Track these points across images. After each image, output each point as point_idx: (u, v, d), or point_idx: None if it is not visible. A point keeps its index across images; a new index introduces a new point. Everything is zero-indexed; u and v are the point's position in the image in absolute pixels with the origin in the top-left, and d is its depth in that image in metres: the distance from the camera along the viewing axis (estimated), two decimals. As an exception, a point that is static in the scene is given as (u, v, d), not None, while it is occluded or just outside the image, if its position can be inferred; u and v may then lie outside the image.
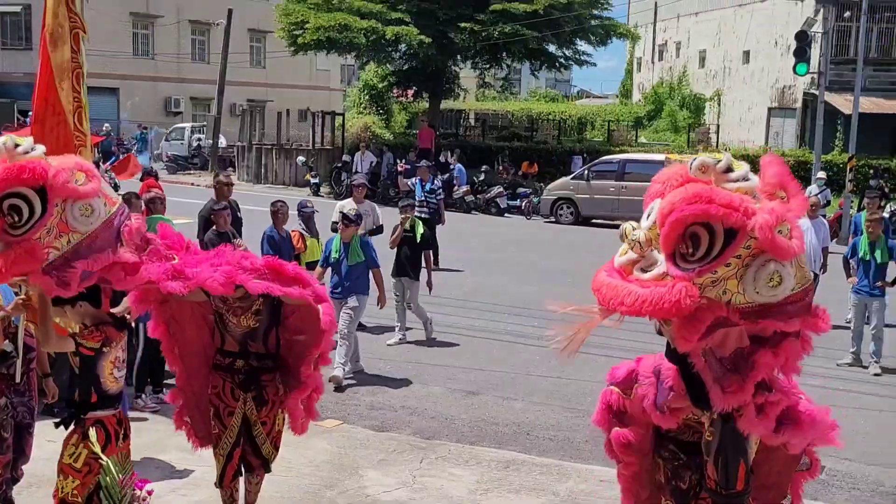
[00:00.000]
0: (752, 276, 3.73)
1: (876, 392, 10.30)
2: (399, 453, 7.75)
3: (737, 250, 3.71)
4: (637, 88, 51.55)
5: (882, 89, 32.85)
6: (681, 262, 3.77)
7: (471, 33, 29.01)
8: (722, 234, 3.71)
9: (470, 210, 26.22)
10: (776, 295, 3.76)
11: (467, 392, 9.70)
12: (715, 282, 3.74)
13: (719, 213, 3.69)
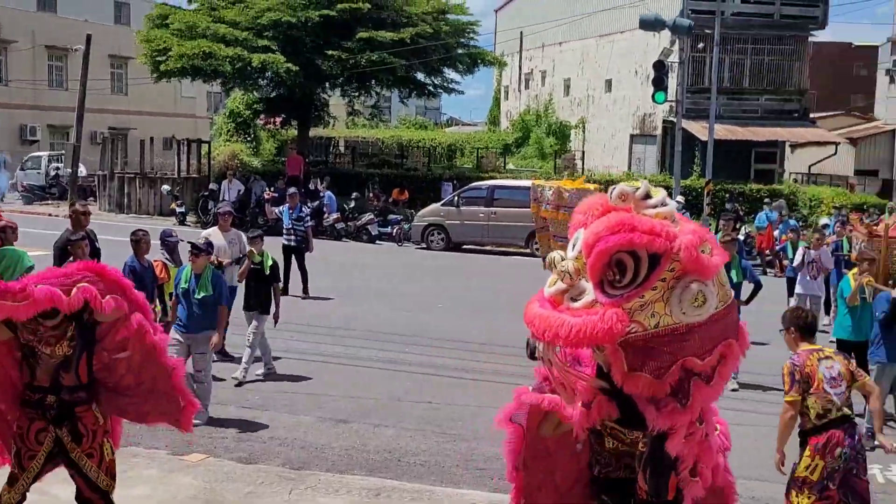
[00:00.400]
0: (677, 297, 3.82)
1: (734, 406, 10.65)
2: (267, 485, 7.55)
3: (661, 274, 3.80)
4: (505, 116, 52.49)
5: (735, 117, 34.42)
6: (609, 289, 3.85)
7: (338, 61, 28.96)
8: (647, 259, 3.80)
9: (341, 237, 26.05)
10: (701, 314, 3.85)
11: (338, 420, 9.55)
12: (643, 306, 3.82)
13: (643, 240, 3.78)
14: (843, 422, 6.21)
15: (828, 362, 6.33)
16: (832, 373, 6.28)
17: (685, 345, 3.91)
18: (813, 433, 6.23)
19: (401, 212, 27.92)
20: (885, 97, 41.32)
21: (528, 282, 12.14)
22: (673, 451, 4.03)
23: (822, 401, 6.20)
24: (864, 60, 52.16)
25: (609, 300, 3.81)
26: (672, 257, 3.79)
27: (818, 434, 6.20)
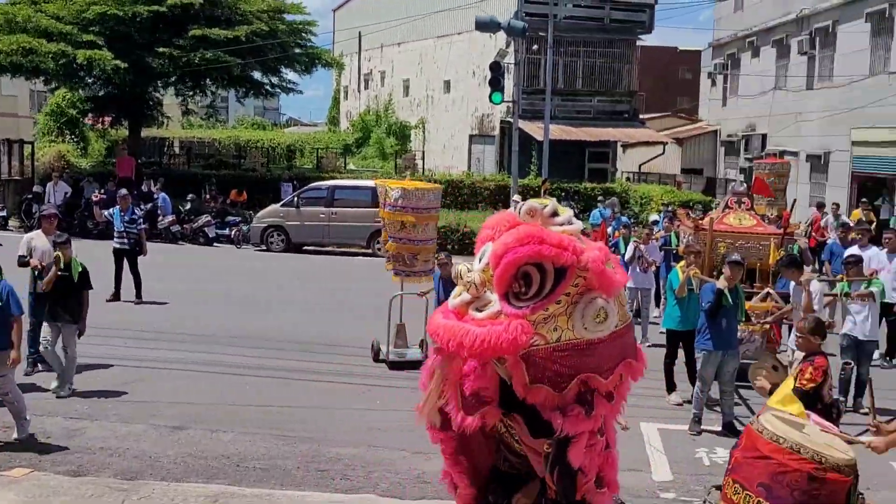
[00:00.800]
0: (580, 312, 3.85)
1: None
2: (98, 498, 7.20)
3: (566, 288, 3.84)
4: (345, 116, 52.28)
5: (569, 117, 35.43)
6: (514, 301, 3.86)
7: (170, 59, 28.03)
8: (553, 272, 3.83)
9: (177, 240, 25.22)
10: (602, 330, 3.90)
11: (172, 427, 9.19)
12: (547, 319, 3.85)
13: (551, 252, 3.80)
14: None
15: None
16: None
17: (586, 360, 3.95)
18: None
19: (239, 213, 27.29)
20: (708, 99, 43.36)
21: (370, 282, 12.18)
22: (575, 460, 4.02)
23: None
24: (689, 64, 54.68)
25: (514, 311, 3.84)
26: (578, 272, 3.84)
27: None
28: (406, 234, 11.79)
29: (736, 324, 10.03)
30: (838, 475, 4.85)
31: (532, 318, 3.82)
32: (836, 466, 4.85)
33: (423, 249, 11.97)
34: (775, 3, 34.30)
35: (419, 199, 11.76)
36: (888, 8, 26.67)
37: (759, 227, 12.05)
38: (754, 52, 36.82)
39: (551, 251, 3.82)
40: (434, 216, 12.26)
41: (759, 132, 35.99)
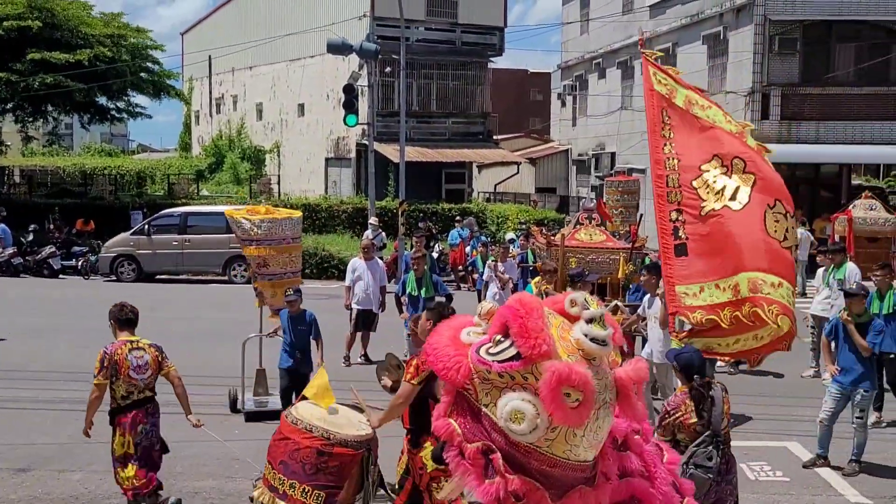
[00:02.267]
0: (505, 400, 3.76)
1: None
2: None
3: (513, 370, 3.76)
4: (197, 141, 51.17)
5: (425, 139, 35.72)
6: (482, 350, 3.85)
7: (7, 83, 26.73)
8: (513, 347, 3.77)
9: (19, 273, 24.00)
10: (514, 432, 3.77)
11: (16, 470, 8.69)
12: (486, 380, 3.81)
13: (517, 330, 3.75)
14: (146, 403, 7.54)
15: (137, 352, 7.48)
16: (140, 361, 7.45)
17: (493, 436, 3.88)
18: (119, 412, 7.47)
19: (86, 243, 26.22)
20: (559, 120, 44.49)
21: (227, 309, 11.81)
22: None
23: (126, 384, 7.40)
24: (540, 86, 56.11)
25: (473, 354, 3.84)
26: (529, 368, 3.74)
27: (124, 414, 7.43)
28: (269, 269, 10.97)
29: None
30: (345, 449, 5.85)
31: (478, 367, 3.81)
32: (343, 442, 5.86)
33: (287, 283, 10.95)
34: (618, 27, 35.57)
35: (275, 230, 10.93)
36: (722, 30, 28.05)
37: (608, 242, 12.43)
38: (601, 73, 38.03)
39: (519, 331, 3.76)
40: (295, 246, 11.30)
41: (608, 151, 37.15)
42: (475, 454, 3.92)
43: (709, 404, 6.12)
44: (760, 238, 6.70)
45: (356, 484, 6.07)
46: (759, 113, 26.71)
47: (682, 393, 6.32)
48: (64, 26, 28.23)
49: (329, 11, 37.15)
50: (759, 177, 6.86)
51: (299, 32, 37.64)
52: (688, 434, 6.20)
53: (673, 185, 6.83)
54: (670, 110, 7.00)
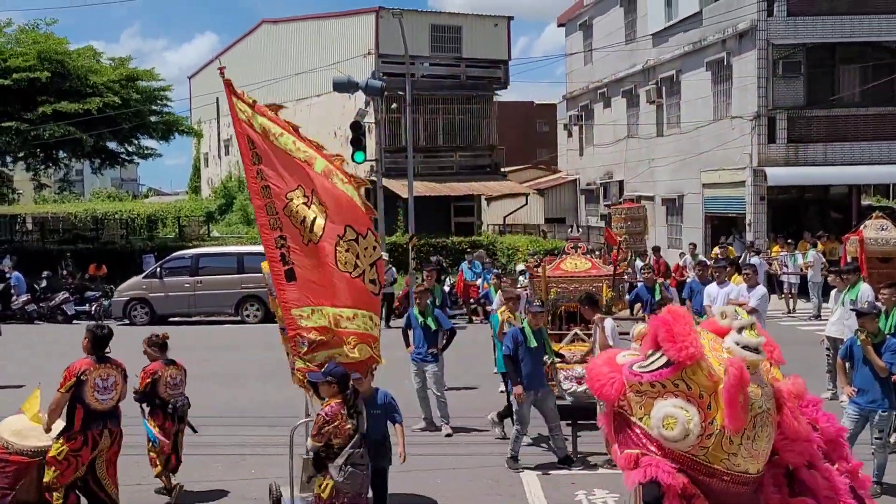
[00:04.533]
0: (658, 407, 3.93)
1: (448, 452, 10.85)
2: None
3: (664, 378, 3.90)
4: (206, 183, 51.49)
5: (433, 174, 35.88)
6: (636, 364, 4.06)
7: (18, 133, 26.95)
8: (664, 356, 3.96)
9: (33, 320, 24.11)
10: (668, 438, 3.88)
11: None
12: (640, 393, 3.97)
13: (668, 337, 3.90)
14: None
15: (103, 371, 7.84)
16: (106, 383, 7.83)
17: (650, 448, 4.06)
18: None
19: (99, 288, 26.34)
20: (566, 150, 44.63)
21: (241, 350, 11.81)
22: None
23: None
24: (546, 117, 56.28)
25: (626, 369, 4.04)
26: (682, 374, 3.88)
27: None
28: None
29: (541, 364, 10.28)
30: (21, 457, 7.68)
31: (630, 381, 3.98)
32: (20, 451, 7.71)
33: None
34: (621, 56, 35.76)
35: None
36: (726, 56, 28.16)
37: (593, 270, 12.50)
38: (606, 102, 38.19)
39: (665, 336, 3.92)
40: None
41: (616, 179, 37.22)
42: (629, 459, 4.07)
43: (356, 411, 7.00)
44: (334, 273, 6.99)
45: (35, 488, 7.69)
46: (766, 136, 26.75)
47: (336, 403, 6.94)
48: (73, 76, 28.53)
49: (334, 50, 37.49)
50: (329, 206, 7.04)
51: (305, 72, 37.96)
52: (342, 439, 6.87)
53: (272, 213, 6.98)
54: (254, 138, 7.19)
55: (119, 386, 7.95)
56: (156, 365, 9.15)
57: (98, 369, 7.84)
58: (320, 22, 40.09)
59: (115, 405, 7.97)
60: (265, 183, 7.03)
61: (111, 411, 7.92)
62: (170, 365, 9.23)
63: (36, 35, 30.32)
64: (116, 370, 7.97)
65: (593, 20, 39.43)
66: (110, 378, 7.87)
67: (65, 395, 7.70)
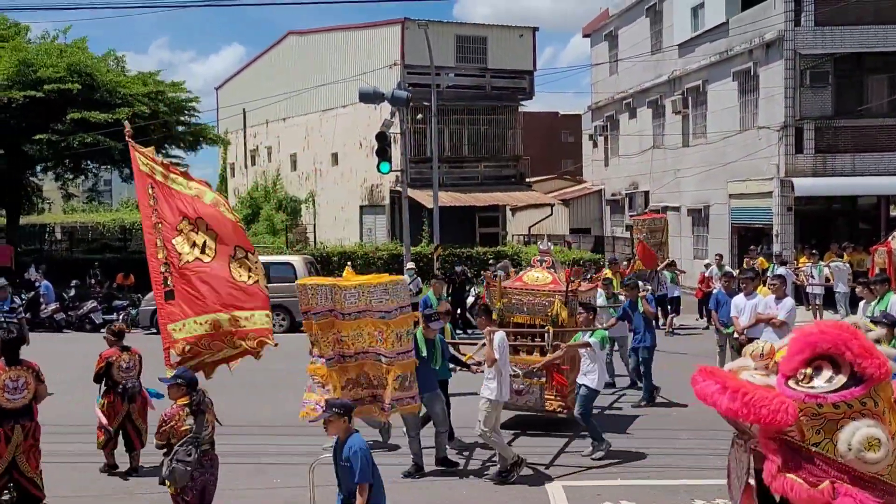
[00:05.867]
0: (851, 431, 3.63)
1: (472, 463, 10.81)
2: None
3: (852, 398, 3.62)
4: (233, 193, 51.78)
5: (458, 184, 35.93)
6: (792, 384, 3.76)
7: (48, 144, 27.24)
8: (849, 374, 3.66)
9: (61, 328, 24.34)
10: (867, 460, 3.64)
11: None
12: (815, 416, 3.65)
13: (858, 351, 3.63)
14: None
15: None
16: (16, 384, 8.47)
17: (833, 474, 3.79)
18: None
19: (127, 297, 26.55)
20: (591, 160, 44.54)
21: (269, 360, 11.83)
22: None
23: None
24: (571, 127, 56.22)
25: (789, 391, 3.72)
26: (874, 391, 3.64)
27: None
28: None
29: (430, 369, 10.47)
30: None
31: (803, 406, 3.67)
32: None
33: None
34: (647, 67, 35.68)
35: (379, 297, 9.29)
36: (752, 66, 28.03)
37: (551, 285, 12.44)
38: (631, 113, 38.09)
39: (860, 351, 3.66)
40: (405, 319, 9.49)
41: (642, 189, 37.08)
42: (829, 493, 3.74)
43: (199, 413, 7.49)
44: (231, 284, 8.23)
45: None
46: (794, 147, 26.58)
47: (178, 406, 7.53)
48: (102, 87, 28.83)
49: (360, 61, 37.67)
50: (219, 232, 8.33)
51: (331, 83, 38.18)
52: (179, 437, 7.37)
53: (160, 245, 8.31)
54: (154, 185, 8.48)
55: (31, 386, 8.68)
56: (111, 350, 10.51)
57: (8, 371, 8.58)
58: (346, 33, 40.30)
59: (28, 403, 8.69)
60: (158, 220, 8.38)
61: (23, 409, 8.64)
62: (124, 351, 10.54)
63: (61, 45, 30.65)
64: (28, 372, 8.71)
65: (619, 31, 39.38)
66: (20, 379, 8.62)
67: None
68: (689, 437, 11.67)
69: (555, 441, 11.71)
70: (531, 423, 12.57)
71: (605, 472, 10.39)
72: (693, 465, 10.41)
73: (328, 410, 6.94)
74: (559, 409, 12.10)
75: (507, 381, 10.43)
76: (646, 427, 12.52)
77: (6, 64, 27.45)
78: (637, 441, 11.67)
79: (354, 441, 6.82)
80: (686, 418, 12.61)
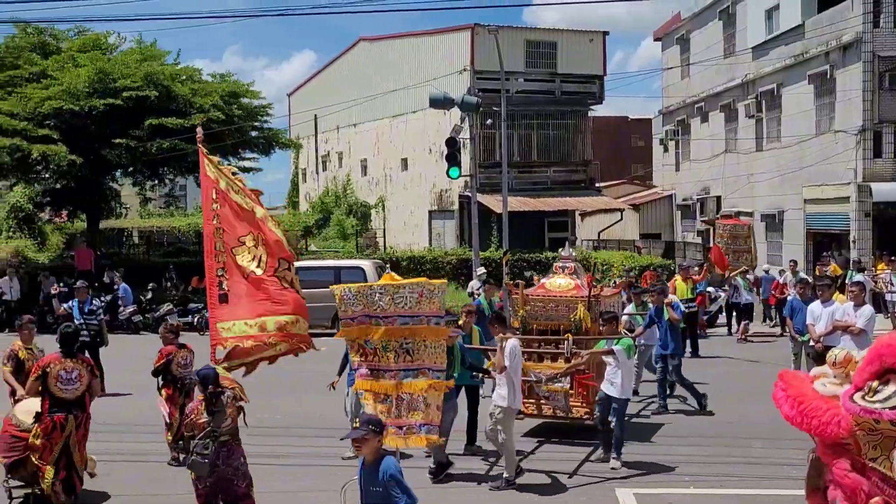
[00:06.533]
0: None
1: (541, 467, 10.81)
2: None
3: None
4: (304, 198, 52.45)
5: (527, 189, 35.88)
6: (857, 397, 3.65)
7: (127, 149, 27.89)
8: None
9: (139, 330, 24.93)
10: None
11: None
12: (873, 431, 3.56)
13: None
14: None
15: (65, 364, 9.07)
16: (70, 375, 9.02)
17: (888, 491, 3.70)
18: None
19: (201, 300, 27.04)
20: (661, 165, 44.12)
21: (336, 363, 11.96)
22: None
23: None
24: (640, 132, 55.77)
25: (848, 404, 3.63)
26: None
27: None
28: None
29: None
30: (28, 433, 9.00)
31: (859, 419, 3.58)
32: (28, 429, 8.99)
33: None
34: (720, 70, 35.21)
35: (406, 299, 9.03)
36: (829, 69, 27.49)
37: (573, 291, 12.38)
38: (703, 117, 37.64)
39: None
40: (436, 330, 9.08)
41: (714, 194, 36.61)
42: None
43: (217, 409, 7.72)
44: (279, 291, 8.80)
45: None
46: (871, 151, 26.00)
47: (198, 400, 7.92)
48: (179, 98, 29.40)
49: (430, 67, 37.86)
50: (268, 245, 8.91)
51: (401, 89, 38.45)
52: (199, 430, 7.67)
53: (220, 250, 8.82)
54: (217, 193, 8.94)
55: (84, 379, 9.17)
56: (171, 347, 11.28)
57: (63, 363, 9.09)
58: (417, 39, 40.53)
59: (81, 395, 9.18)
60: (219, 225, 8.86)
61: (76, 400, 9.12)
62: (181, 348, 11.36)
63: (141, 50, 31.37)
64: (82, 365, 9.24)
65: (691, 34, 38.95)
66: (74, 371, 9.12)
67: (34, 383, 9.08)
68: (762, 445, 11.49)
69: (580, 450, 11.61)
70: (556, 431, 12.55)
71: (676, 479, 10.29)
72: (768, 475, 10.25)
73: (363, 427, 6.20)
74: (585, 416, 12.09)
75: (519, 388, 10.38)
76: (717, 434, 12.36)
77: (87, 73, 28.19)
78: (708, 449, 11.54)
79: (389, 464, 6.17)
80: (756, 427, 12.41)
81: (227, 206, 8.91)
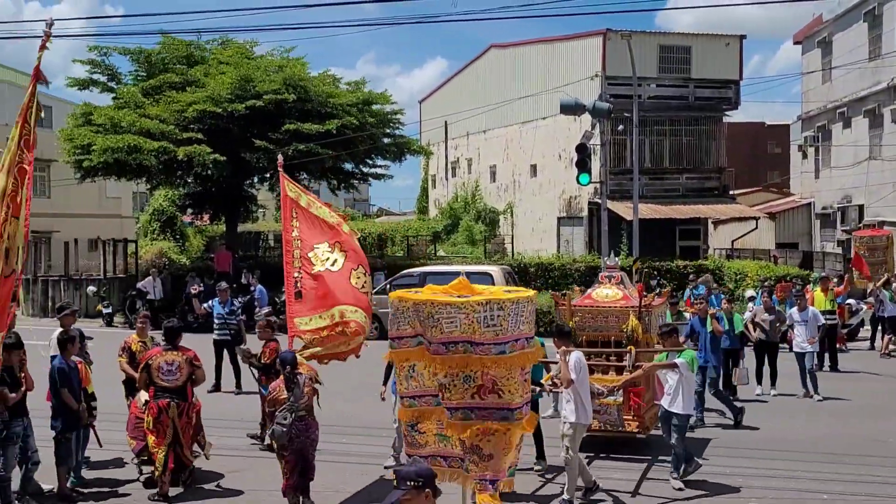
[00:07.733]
0: None
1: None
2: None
3: None
4: (433, 204, 52.97)
5: (658, 196, 35.30)
6: None
7: (265, 152, 28.78)
8: None
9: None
10: None
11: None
12: None
13: None
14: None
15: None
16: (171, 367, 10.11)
17: None
18: None
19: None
20: (800, 172, 42.69)
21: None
22: None
23: None
24: (777, 138, 54.06)
25: None
26: None
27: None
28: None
29: None
30: None
31: None
32: None
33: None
34: (864, 74, 33.86)
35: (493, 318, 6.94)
36: (984, 72, 26.11)
37: (621, 301, 12.06)
38: (846, 122, 36.25)
39: None
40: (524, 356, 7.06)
41: (856, 203, 35.20)
42: None
43: (295, 386, 8.94)
44: (348, 286, 10.33)
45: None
46: None
47: (280, 379, 9.18)
48: (315, 98, 30.22)
49: (561, 73, 37.72)
50: (349, 252, 10.58)
51: (532, 95, 38.42)
52: (280, 405, 8.95)
53: (296, 256, 10.57)
54: (297, 209, 10.82)
55: (184, 370, 10.16)
56: (274, 344, 12.43)
57: (165, 355, 10.17)
58: (548, 45, 40.43)
59: (183, 385, 10.15)
60: (297, 233, 10.65)
61: (177, 389, 10.09)
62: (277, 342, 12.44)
63: (281, 60, 32.39)
64: (182, 357, 10.23)
65: (833, 36, 37.58)
66: (175, 363, 10.13)
67: (141, 374, 10.24)
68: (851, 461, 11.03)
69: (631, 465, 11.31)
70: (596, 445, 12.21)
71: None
72: (874, 493, 9.80)
73: (402, 486, 4.41)
74: (637, 430, 11.83)
75: (588, 401, 9.94)
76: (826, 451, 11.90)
77: (230, 79, 29.27)
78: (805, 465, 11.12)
79: None
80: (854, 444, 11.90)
81: (304, 219, 10.72)
